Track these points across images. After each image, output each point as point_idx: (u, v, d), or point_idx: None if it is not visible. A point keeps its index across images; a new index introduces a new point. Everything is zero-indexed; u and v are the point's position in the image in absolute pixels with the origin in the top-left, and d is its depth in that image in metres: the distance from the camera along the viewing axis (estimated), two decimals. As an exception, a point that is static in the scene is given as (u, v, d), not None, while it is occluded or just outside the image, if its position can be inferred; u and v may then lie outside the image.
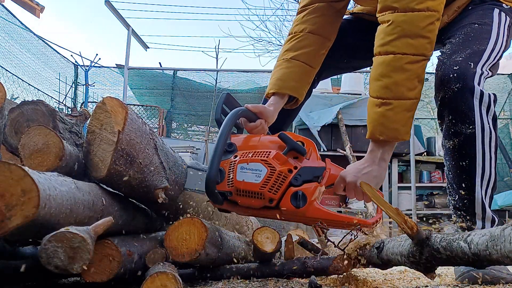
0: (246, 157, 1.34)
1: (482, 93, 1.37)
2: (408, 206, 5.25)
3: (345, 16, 1.86)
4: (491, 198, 1.47)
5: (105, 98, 1.16)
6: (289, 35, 1.74)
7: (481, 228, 1.43)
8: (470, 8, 1.58)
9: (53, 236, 0.81)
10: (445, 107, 1.42)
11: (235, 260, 1.49)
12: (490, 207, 1.47)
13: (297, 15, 1.77)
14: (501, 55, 1.49)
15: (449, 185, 1.51)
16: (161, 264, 1.17)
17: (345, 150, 5.00)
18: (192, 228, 1.21)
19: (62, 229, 0.83)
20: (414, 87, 1.33)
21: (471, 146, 1.39)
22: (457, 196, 1.47)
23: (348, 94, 5.47)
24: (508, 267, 1.44)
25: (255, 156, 1.34)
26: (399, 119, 1.32)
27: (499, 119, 8.12)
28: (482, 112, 1.38)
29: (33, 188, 0.80)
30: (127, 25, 5.57)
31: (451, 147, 1.44)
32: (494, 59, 1.46)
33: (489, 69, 1.44)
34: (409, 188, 5.27)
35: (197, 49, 27.52)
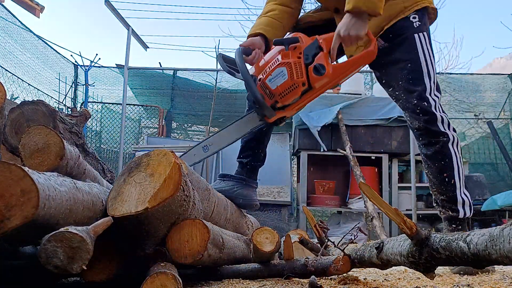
0: (266, 73, 1.75)
1: (442, 117, 1.81)
2: (408, 206, 5.24)
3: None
4: (466, 188, 1.85)
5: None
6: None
7: (463, 215, 1.81)
8: (391, 35, 1.86)
9: (53, 236, 0.81)
10: (421, 132, 1.84)
11: (236, 260, 1.49)
12: (467, 196, 1.83)
13: None
14: (435, 70, 1.87)
15: (433, 187, 1.86)
16: (161, 264, 1.17)
17: (345, 150, 4.99)
18: (194, 230, 1.19)
19: (62, 229, 0.83)
20: None
21: (448, 149, 1.81)
22: (442, 191, 1.83)
23: (348, 94, 5.47)
24: (509, 267, 1.44)
25: (271, 67, 1.74)
26: None
27: (499, 119, 8.12)
28: (445, 128, 1.82)
29: (32, 188, 0.80)
30: (127, 25, 5.56)
31: (433, 152, 1.83)
32: (434, 81, 1.85)
33: (437, 92, 1.84)
34: (409, 188, 5.27)
35: (197, 49, 27.53)
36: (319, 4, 2.07)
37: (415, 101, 1.81)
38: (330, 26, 1.87)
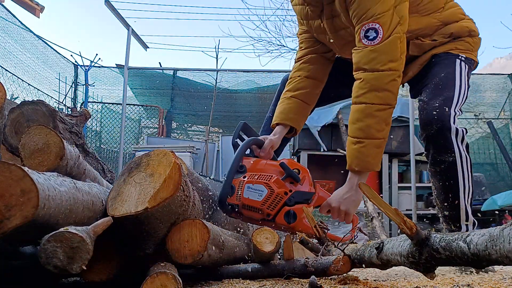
0: (252, 178, 1.70)
1: (457, 130, 1.72)
2: (408, 206, 5.24)
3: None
4: (471, 205, 1.81)
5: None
6: (289, 79, 2.11)
7: (466, 231, 1.67)
8: (433, 60, 1.89)
9: (52, 236, 0.81)
10: (429, 142, 1.77)
11: (236, 260, 1.49)
12: (472, 213, 1.80)
13: (295, 63, 2.14)
14: (466, 97, 1.84)
15: (437, 200, 1.83)
16: (161, 264, 1.17)
17: (345, 150, 4.99)
18: (194, 230, 1.19)
19: (61, 229, 0.83)
20: (382, 129, 1.69)
21: (454, 170, 1.74)
22: (445, 208, 1.80)
23: (348, 94, 5.47)
24: (509, 267, 1.44)
25: (259, 179, 1.70)
26: (370, 154, 1.68)
27: (499, 119, 8.13)
28: (458, 144, 1.73)
29: (32, 188, 0.79)
30: (127, 25, 5.56)
31: (438, 170, 1.77)
32: (462, 102, 1.81)
33: (459, 110, 1.79)
34: (409, 188, 5.26)
35: (197, 49, 27.57)
36: None
37: (437, 104, 1.74)
38: None
